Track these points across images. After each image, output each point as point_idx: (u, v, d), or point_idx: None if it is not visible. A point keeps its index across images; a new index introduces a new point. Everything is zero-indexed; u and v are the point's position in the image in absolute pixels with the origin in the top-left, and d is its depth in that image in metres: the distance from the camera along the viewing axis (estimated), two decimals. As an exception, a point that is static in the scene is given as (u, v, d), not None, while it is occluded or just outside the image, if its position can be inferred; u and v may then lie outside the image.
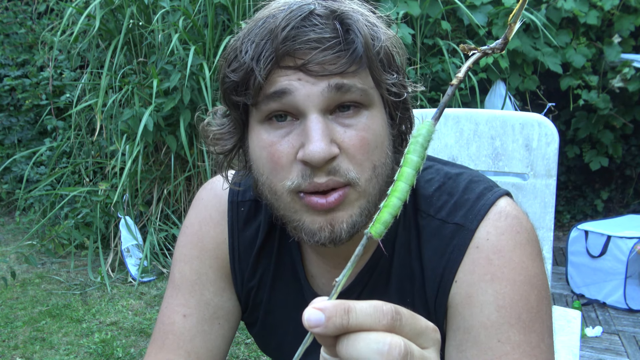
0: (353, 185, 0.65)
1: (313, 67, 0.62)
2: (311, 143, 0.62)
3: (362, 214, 0.67)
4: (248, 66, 0.64)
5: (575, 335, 1.35)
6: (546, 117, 1.25)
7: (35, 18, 5.10)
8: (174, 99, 3.20)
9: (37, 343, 2.66)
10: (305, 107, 0.63)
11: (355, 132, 0.65)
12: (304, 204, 0.66)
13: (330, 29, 0.63)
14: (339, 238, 0.67)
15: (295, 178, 0.65)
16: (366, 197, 0.67)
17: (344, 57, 0.63)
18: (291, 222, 0.69)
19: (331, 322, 0.37)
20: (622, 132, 4.18)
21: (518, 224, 0.72)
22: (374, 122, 0.67)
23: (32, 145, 4.74)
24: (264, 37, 0.63)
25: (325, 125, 0.63)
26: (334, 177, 0.64)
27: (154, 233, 3.49)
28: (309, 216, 0.67)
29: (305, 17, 0.62)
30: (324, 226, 0.66)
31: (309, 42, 0.62)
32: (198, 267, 0.86)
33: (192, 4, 3.48)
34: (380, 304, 0.39)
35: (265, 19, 0.64)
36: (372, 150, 0.66)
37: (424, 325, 0.41)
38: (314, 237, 0.67)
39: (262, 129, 0.67)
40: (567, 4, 3.62)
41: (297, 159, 0.64)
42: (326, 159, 0.62)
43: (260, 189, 0.72)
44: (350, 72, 0.63)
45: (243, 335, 2.68)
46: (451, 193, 0.76)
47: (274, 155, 0.66)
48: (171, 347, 0.83)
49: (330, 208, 0.65)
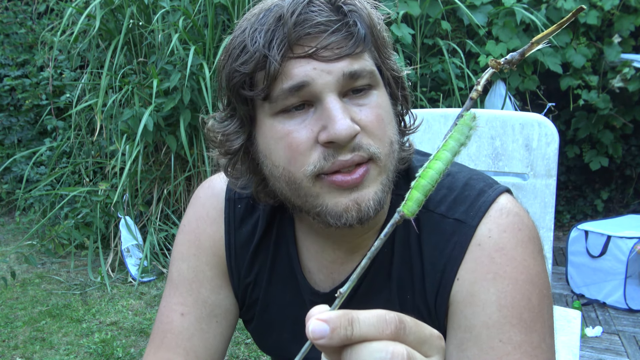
0: (375, 160, 0.67)
1: (324, 52, 0.64)
2: (335, 122, 0.63)
3: (384, 190, 0.68)
4: (260, 54, 0.64)
5: (575, 335, 1.35)
6: (546, 117, 1.25)
7: (35, 18, 5.10)
8: (174, 99, 3.20)
9: (37, 343, 2.66)
10: (322, 92, 0.65)
11: (370, 109, 0.67)
12: (328, 184, 0.66)
13: (333, 13, 0.65)
14: (367, 216, 0.67)
15: (316, 162, 0.65)
16: (386, 173, 0.69)
17: (351, 38, 0.65)
18: (313, 209, 0.69)
19: (335, 333, 0.37)
20: (622, 132, 4.18)
21: (519, 221, 0.72)
22: (383, 99, 0.70)
23: (32, 145, 4.74)
24: (272, 25, 0.64)
25: (343, 105, 0.65)
26: (359, 153, 0.65)
27: (154, 233, 3.49)
28: (332, 198, 0.67)
29: (307, 2, 0.64)
30: (351, 206, 0.66)
31: (318, 26, 0.63)
32: (195, 265, 0.86)
33: (192, 4, 3.48)
34: (383, 313, 0.39)
35: (270, 9, 0.65)
36: (387, 126, 0.68)
37: (428, 333, 0.41)
38: (340, 219, 0.67)
39: (275, 121, 0.67)
40: (567, 4, 3.61)
41: (319, 142, 0.65)
42: (352, 135, 0.64)
43: (276, 185, 0.72)
44: (358, 52, 0.65)
45: (243, 335, 2.68)
46: (450, 188, 0.76)
47: (292, 144, 0.66)
48: (170, 346, 0.83)
49: (355, 185, 0.66)
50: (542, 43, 0.42)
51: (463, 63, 3.54)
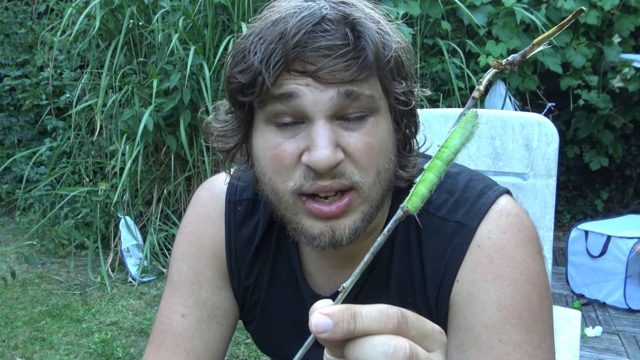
0: (357, 189, 0.65)
1: (323, 74, 0.62)
2: (317, 150, 0.62)
3: (364, 219, 0.68)
4: (257, 69, 0.63)
5: (575, 335, 1.35)
6: (546, 117, 1.25)
7: (35, 18, 5.10)
8: (174, 99, 3.20)
9: (37, 343, 2.66)
10: (312, 113, 0.63)
11: (360, 136, 0.65)
12: (306, 208, 0.66)
13: (341, 36, 0.62)
14: (340, 243, 0.67)
15: (298, 179, 0.65)
16: (369, 202, 0.68)
17: (354, 65, 0.62)
18: (291, 223, 0.70)
19: (338, 327, 0.38)
20: (622, 132, 4.18)
21: (519, 222, 0.72)
22: (379, 127, 0.67)
23: (32, 145, 4.74)
24: (274, 40, 0.62)
25: (331, 131, 0.63)
26: (339, 180, 0.64)
27: (154, 233, 3.49)
28: (309, 220, 0.67)
29: (317, 22, 0.61)
30: (325, 232, 0.66)
31: (320, 50, 0.61)
32: (196, 266, 0.86)
33: (192, 4, 3.48)
34: (386, 308, 0.39)
35: (276, 21, 0.63)
36: (376, 155, 0.66)
37: (429, 328, 0.41)
38: (313, 242, 0.67)
39: (267, 129, 0.67)
40: (567, 4, 3.62)
41: (302, 162, 0.64)
42: (331, 166, 0.62)
43: (262, 188, 0.72)
44: (360, 79, 0.63)
45: (243, 335, 2.68)
46: (451, 191, 0.76)
47: (278, 156, 0.66)
48: (170, 347, 0.83)
49: (333, 216, 0.65)
50: (543, 44, 0.41)
51: (463, 63, 3.55)
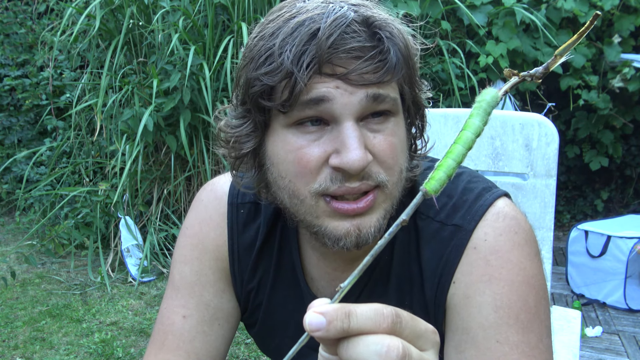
0: (382, 187, 0.66)
1: (353, 76, 0.62)
2: (349, 151, 0.62)
3: (385, 216, 0.68)
4: (288, 70, 0.61)
5: (575, 335, 1.35)
6: (546, 117, 1.25)
7: (35, 18, 5.10)
8: (174, 99, 3.20)
9: (37, 343, 2.66)
10: (342, 115, 0.63)
11: (384, 137, 0.66)
12: (330, 208, 0.66)
13: (369, 38, 0.63)
14: (365, 242, 0.67)
15: (323, 181, 0.65)
16: (391, 200, 0.68)
17: (382, 67, 0.63)
18: (312, 227, 0.69)
19: (332, 325, 0.38)
20: (622, 132, 4.18)
21: (516, 224, 0.72)
22: (399, 128, 0.68)
23: (32, 145, 4.74)
24: (305, 41, 0.61)
25: (360, 133, 0.64)
26: (367, 182, 0.65)
27: (154, 233, 3.49)
28: (332, 222, 0.67)
29: (348, 24, 0.62)
30: (351, 231, 0.66)
31: (351, 51, 0.61)
32: (198, 268, 0.86)
33: (192, 4, 3.48)
34: (380, 307, 0.39)
35: (303, 22, 0.62)
36: (399, 155, 0.68)
37: (423, 327, 0.42)
38: (338, 243, 0.67)
39: (289, 132, 0.66)
40: (567, 4, 3.62)
41: (329, 164, 0.64)
42: (364, 167, 0.62)
43: (276, 193, 0.71)
44: (386, 81, 0.64)
45: (243, 336, 2.68)
46: (450, 195, 0.76)
47: (302, 159, 0.65)
48: (171, 348, 0.83)
49: (359, 213, 0.66)
50: (565, 55, 0.41)
51: (463, 63, 3.55)
